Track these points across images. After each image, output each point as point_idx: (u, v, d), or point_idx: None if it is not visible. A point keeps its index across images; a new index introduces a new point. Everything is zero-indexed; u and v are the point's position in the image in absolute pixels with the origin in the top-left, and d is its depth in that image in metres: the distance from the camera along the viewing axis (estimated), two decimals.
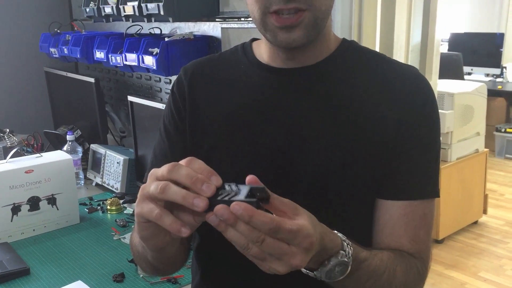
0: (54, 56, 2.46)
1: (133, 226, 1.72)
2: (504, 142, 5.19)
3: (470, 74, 5.53)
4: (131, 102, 1.99)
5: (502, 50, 5.39)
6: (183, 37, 1.85)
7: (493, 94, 4.86)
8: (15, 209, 1.66)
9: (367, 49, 0.97)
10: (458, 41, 5.70)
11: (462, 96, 3.46)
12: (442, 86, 3.34)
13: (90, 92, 2.26)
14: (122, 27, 2.23)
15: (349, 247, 0.73)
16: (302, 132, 0.88)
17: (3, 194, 1.63)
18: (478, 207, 3.70)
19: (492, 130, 5.04)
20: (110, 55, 2.04)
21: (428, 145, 0.89)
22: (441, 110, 3.23)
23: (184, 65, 1.01)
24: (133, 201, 1.91)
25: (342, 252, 0.72)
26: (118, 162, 2.04)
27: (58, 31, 2.47)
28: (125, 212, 1.90)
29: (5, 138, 2.36)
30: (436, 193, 0.90)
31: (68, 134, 2.17)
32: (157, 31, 2.06)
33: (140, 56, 1.85)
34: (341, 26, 1.76)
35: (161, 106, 1.77)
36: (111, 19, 2.20)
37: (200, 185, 0.62)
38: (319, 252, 0.68)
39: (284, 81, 0.91)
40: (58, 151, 1.91)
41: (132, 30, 2.07)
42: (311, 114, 0.88)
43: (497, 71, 5.44)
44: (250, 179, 0.65)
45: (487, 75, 5.52)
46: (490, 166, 4.04)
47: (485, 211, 3.76)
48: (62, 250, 1.61)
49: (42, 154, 1.79)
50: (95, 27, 2.52)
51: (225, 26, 1.79)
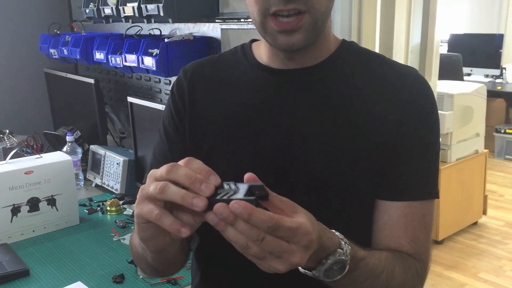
0: (54, 57, 2.46)
1: (132, 227, 1.72)
2: (503, 143, 5.19)
3: (469, 75, 5.53)
4: (131, 103, 1.99)
5: (501, 51, 5.40)
6: (183, 38, 1.85)
7: (492, 95, 4.86)
8: (15, 210, 1.66)
9: (367, 50, 0.97)
10: (457, 42, 5.71)
11: (462, 97, 3.46)
12: (441, 87, 3.34)
13: (90, 93, 2.26)
14: (121, 28, 2.23)
15: (346, 246, 0.73)
16: (302, 132, 0.88)
17: (3, 195, 1.63)
18: (477, 208, 3.70)
19: (491, 131, 5.04)
20: (109, 56, 2.04)
21: (427, 146, 0.89)
22: (440, 111, 3.21)
23: (183, 66, 1.01)
24: (132, 202, 1.91)
25: (340, 250, 0.72)
26: (117, 163, 2.04)
27: (58, 32, 2.47)
28: (124, 213, 1.90)
29: (4, 139, 2.36)
30: (435, 194, 0.90)
31: (67, 135, 2.17)
32: (156, 32, 2.06)
33: (139, 57, 1.85)
34: (340, 27, 1.76)
35: (160, 107, 1.77)
36: (111, 20, 2.20)
37: (199, 185, 0.62)
38: (317, 250, 0.68)
39: (283, 82, 0.91)
40: (58, 152, 1.91)
41: (131, 31, 2.07)
42: (311, 115, 0.88)
43: (496, 72, 5.44)
44: (248, 177, 0.65)
45: (487, 76, 5.53)
46: (489, 167, 4.04)
47: (484, 212, 3.76)
48: (62, 251, 1.61)
49: (41, 155, 1.79)
50: (95, 28, 2.53)
51: (224, 27, 1.79)
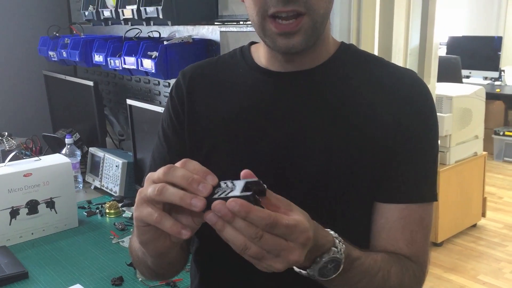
0: (53, 59, 2.46)
1: (131, 230, 1.72)
2: (502, 145, 5.20)
3: (468, 77, 5.54)
4: (130, 106, 1.99)
5: (500, 53, 5.41)
6: (182, 40, 1.85)
7: (491, 97, 4.87)
8: (14, 212, 1.66)
9: (366, 52, 0.97)
10: (456, 44, 5.72)
11: (461, 99, 3.47)
12: (440, 89, 3.35)
13: (89, 95, 2.26)
14: (121, 31, 2.24)
15: (341, 244, 0.73)
16: (301, 134, 0.88)
17: (2, 197, 1.63)
18: (476, 210, 3.71)
19: (490, 133, 5.05)
20: (109, 59, 2.04)
21: (425, 148, 0.89)
22: (439, 113, 3.23)
23: (182, 68, 1.01)
24: (131, 204, 1.91)
25: (334, 248, 0.72)
26: (116, 166, 2.04)
27: (57, 35, 2.47)
28: (123, 215, 1.90)
29: (3, 142, 2.36)
30: (433, 196, 0.90)
31: (66, 137, 2.17)
32: (156, 35, 2.06)
33: (139, 59, 1.85)
34: (339, 29, 1.77)
35: (160, 109, 1.77)
36: (110, 23, 2.21)
37: (196, 185, 0.63)
38: (312, 248, 0.67)
39: (282, 84, 0.91)
40: (57, 155, 1.91)
41: (131, 34, 2.08)
42: (310, 117, 0.88)
43: (495, 74, 5.45)
44: (244, 174, 0.65)
45: (486, 78, 5.54)
46: (488, 169, 4.04)
47: (483, 214, 3.77)
48: (61, 253, 1.60)
49: (40, 157, 1.78)
50: (94, 31, 2.53)
51: (223, 29, 1.79)
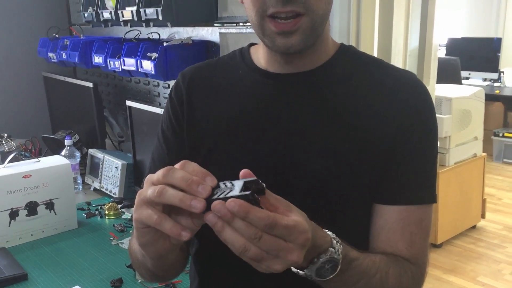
0: (53, 61, 2.46)
1: (131, 231, 1.72)
2: (502, 146, 5.20)
3: (467, 78, 5.54)
4: (130, 107, 1.99)
5: (499, 54, 5.41)
6: (182, 42, 1.85)
7: (490, 98, 4.88)
8: (13, 214, 1.66)
9: (365, 54, 0.97)
10: (455, 46, 5.72)
11: (460, 100, 3.47)
12: (440, 90, 3.35)
13: (89, 96, 2.26)
14: (120, 32, 2.24)
15: (338, 245, 0.73)
16: (300, 136, 0.88)
17: (1, 199, 1.63)
18: (476, 212, 3.71)
19: (490, 134, 5.05)
20: (108, 60, 2.04)
21: (425, 150, 0.89)
22: (439, 115, 3.23)
23: (182, 70, 1.01)
24: (131, 206, 1.91)
25: (332, 249, 0.72)
26: (116, 167, 2.04)
27: (57, 36, 2.48)
28: (123, 217, 1.90)
29: (3, 143, 2.35)
30: (433, 198, 0.90)
31: (66, 138, 2.17)
32: (155, 36, 2.06)
33: (138, 61, 1.86)
34: (339, 31, 1.77)
35: (159, 110, 1.77)
36: (110, 24, 2.20)
37: (195, 186, 0.63)
38: (310, 249, 0.67)
39: (281, 86, 0.91)
40: (56, 156, 1.91)
41: (130, 35, 2.08)
42: (309, 118, 0.88)
43: (494, 76, 5.46)
44: (243, 173, 0.65)
45: (485, 80, 5.54)
46: (488, 170, 4.04)
47: (483, 216, 3.77)
48: (60, 255, 1.60)
49: (40, 159, 1.78)
50: (94, 32, 2.53)
51: (223, 31, 1.79)
